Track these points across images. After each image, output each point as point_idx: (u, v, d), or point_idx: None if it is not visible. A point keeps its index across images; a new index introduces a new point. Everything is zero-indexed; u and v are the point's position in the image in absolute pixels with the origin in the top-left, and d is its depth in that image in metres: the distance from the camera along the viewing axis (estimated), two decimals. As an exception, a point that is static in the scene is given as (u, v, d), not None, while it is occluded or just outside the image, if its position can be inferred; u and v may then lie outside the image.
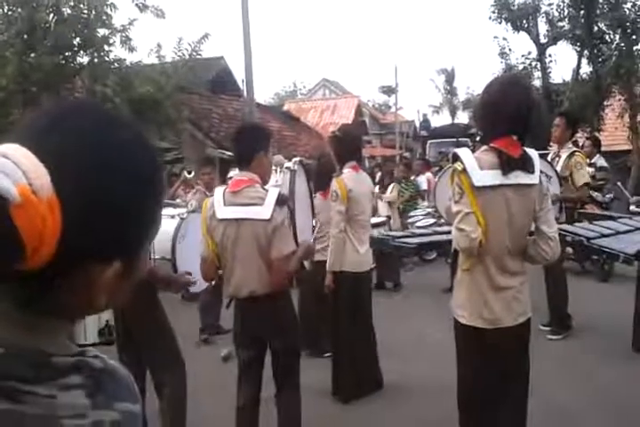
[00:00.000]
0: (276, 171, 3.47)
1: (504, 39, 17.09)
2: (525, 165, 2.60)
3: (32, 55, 9.08)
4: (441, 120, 45.94)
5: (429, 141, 21.66)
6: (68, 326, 0.76)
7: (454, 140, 17.30)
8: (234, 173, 3.29)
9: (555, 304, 5.60)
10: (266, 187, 3.10)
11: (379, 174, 11.22)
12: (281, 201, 2.95)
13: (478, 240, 2.52)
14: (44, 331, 0.72)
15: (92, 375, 0.74)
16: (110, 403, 0.74)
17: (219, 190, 3.11)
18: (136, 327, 3.42)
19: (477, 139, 10.23)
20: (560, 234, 3.15)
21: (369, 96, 54.41)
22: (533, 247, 2.67)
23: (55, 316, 0.73)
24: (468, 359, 2.75)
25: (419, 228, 8.92)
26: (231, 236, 2.97)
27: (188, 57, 10.80)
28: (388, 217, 8.89)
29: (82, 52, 9.73)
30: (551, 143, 6.13)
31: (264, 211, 2.91)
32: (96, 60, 9.66)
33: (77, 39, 9.49)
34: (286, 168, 3.48)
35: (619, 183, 8.27)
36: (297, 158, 3.69)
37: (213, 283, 3.76)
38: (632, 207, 8.02)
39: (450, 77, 48.21)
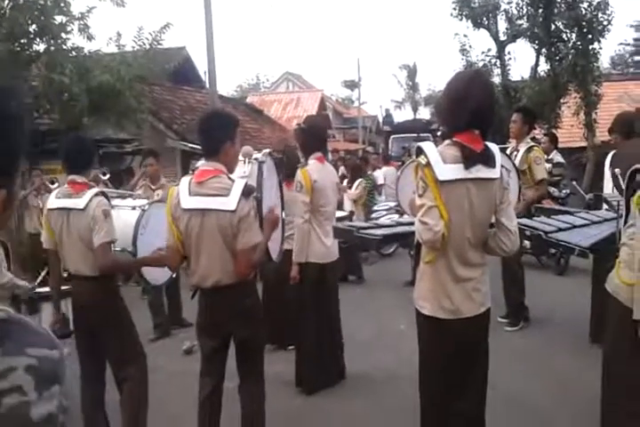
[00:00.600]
0: (244, 162, 3.43)
1: (465, 36, 17.30)
2: (487, 160, 2.63)
3: (-14, 42, 8.78)
4: (403, 115, 46.33)
5: (392, 136, 21.81)
6: None
7: (416, 135, 17.47)
8: (201, 163, 3.24)
9: (511, 296, 5.73)
10: (232, 177, 3.06)
11: (341, 168, 11.24)
12: (247, 192, 2.92)
13: (441, 233, 2.55)
14: None
15: None
16: (22, 349, 0.74)
17: (184, 180, 3.07)
18: (97, 321, 3.37)
19: (439, 134, 10.35)
20: (519, 228, 3.21)
21: (332, 90, 54.61)
22: (493, 240, 2.72)
23: None
24: (430, 349, 2.79)
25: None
26: (195, 226, 2.95)
27: (148, 46, 10.60)
28: (352, 212, 8.91)
29: (38, 39, 9.44)
30: (510, 139, 6.23)
31: (229, 202, 2.89)
32: (53, 47, 9.39)
33: (33, 26, 9.21)
34: (254, 159, 3.44)
35: (574, 182, 8.48)
36: (267, 150, 3.66)
37: (174, 275, 3.73)
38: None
39: (412, 73, 48.63)
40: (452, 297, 2.68)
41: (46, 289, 4.97)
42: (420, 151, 2.67)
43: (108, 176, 6.86)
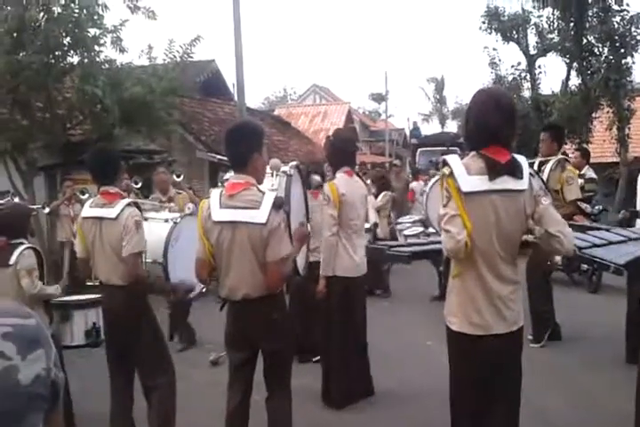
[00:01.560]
0: (272, 174, 3.42)
1: (494, 49, 17.30)
2: (513, 171, 2.59)
3: (21, 54, 8.99)
4: (430, 128, 46.14)
5: (419, 149, 21.73)
6: None
7: (444, 148, 17.38)
8: (229, 175, 3.24)
9: (535, 311, 5.57)
10: (263, 189, 3.06)
11: (368, 181, 11.20)
12: (277, 204, 2.92)
13: (464, 242, 2.51)
14: None
15: None
16: None
17: (215, 192, 3.08)
18: (128, 330, 3.39)
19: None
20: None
21: (359, 103, 54.61)
22: (547, 246, 2.65)
23: None
24: (460, 366, 2.73)
25: (407, 236, 8.91)
26: (226, 239, 2.95)
27: (179, 59, 10.75)
28: (376, 224, 8.84)
29: (72, 51, 9.64)
30: (538, 155, 6.15)
31: (260, 215, 2.89)
32: (86, 60, 9.58)
33: (68, 38, 9.41)
34: (282, 172, 3.44)
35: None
36: (294, 162, 3.66)
37: (204, 289, 3.73)
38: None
39: (439, 86, 48.57)
40: (482, 312, 2.63)
41: (77, 297, 5.05)
42: (444, 163, 2.65)
43: (139, 185, 6.94)
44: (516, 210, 2.59)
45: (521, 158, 2.66)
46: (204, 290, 3.79)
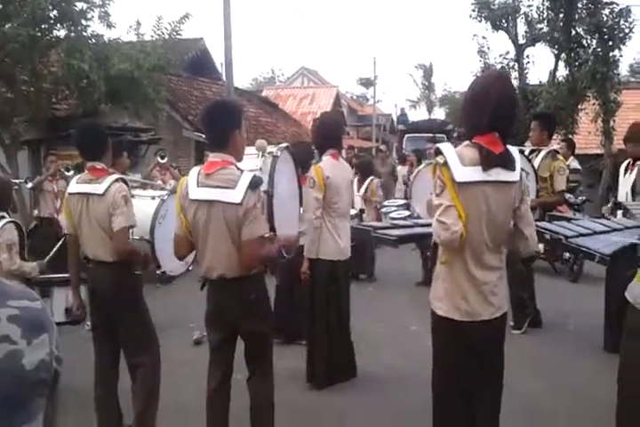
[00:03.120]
0: (257, 155, 3.40)
1: (483, 38, 17.25)
2: (506, 162, 2.61)
3: (7, 26, 8.81)
4: (418, 115, 46.07)
5: (407, 135, 21.73)
6: None
7: (431, 135, 17.39)
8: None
9: (515, 297, 5.64)
10: (242, 168, 3.04)
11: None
12: (254, 184, 2.89)
13: (459, 233, 2.53)
14: None
15: None
16: (2, 302, 0.76)
17: (194, 171, 3.06)
18: (114, 306, 3.38)
19: (455, 135, 10.28)
20: (538, 231, 3.19)
21: (347, 87, 54.25)
22: (511, 242, 2.72)
23: None
24: (445, 351, 2.77)
25: (392, 219, 8.92)
26: (202, 217, 2.94)
27: (167, 36, 10.61)
28: (362, 210, 8.81)
29: (58, 25, 9.48)
30: (526, 144, 6.19)
31: (235, 194, 2.87)
32: (73, 34, 9.42)
33: (54, 12, 9.24)
34: (269, 153, 3.41)
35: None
36: (284, 144, 3.64)
37: (190, 267, 3.73)
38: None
39: (428, 73, 48.45)
40: (469, 299, 2.67)
41: (59, 275, 4.99)
42: (438, 152, 2.65)
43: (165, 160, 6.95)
44: (506, 201, 2.62)
45: (513, 149, 2.68)
46: (190, 268, 3.79)
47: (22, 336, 0.75)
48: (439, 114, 44.52)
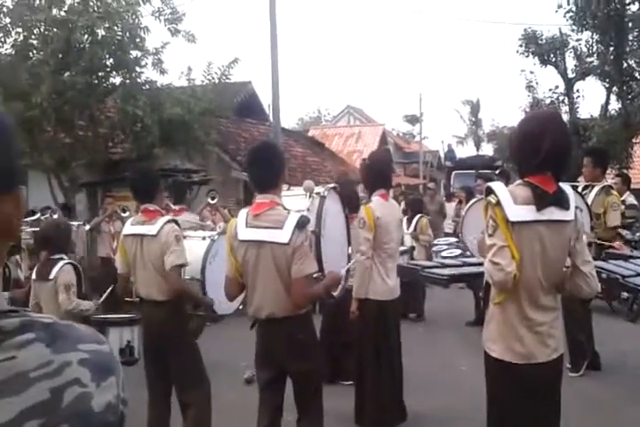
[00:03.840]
0: (305, 196, 3.44)
1: (531, 72, 17.19)
2: (560, 201, 2.57)
3: (66, 74, 9.30)
4: (465, 151, 45.88)
5: (454, 172, 21.61)
6: None
7: (475, 171, 17.25)
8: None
9: (573, 340, 5.43)
10: (290, 208, 3.09)
11: (403, 203, 11.15)
12: (301, 224, 2.93)
13: (513, 274, 2.48)
14: None
15: (44, 329, 0.75)
16: (73, 346, 0.77)
17: (242, 212, 3.14)
18: (166, 345, 3.43)
19: (497, 172, 10.15)
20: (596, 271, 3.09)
21: (393, 125, 54.60)
22: (571, 283, 2.63)
23: None
24: (500, 394, 2.68)
25: (443, 258, 8.79)
26: (252, 257, 2.98)
27: (217, 81, 10.97)
28: (412, 247, 8.74)
29: (114, 72, 9.98)
30: (579, 179, 6.07)
31: (283, 234, 2.91)
32: (128, 81, 9.87)
33: (110, 60, 9.73)
34: (316, 193, 3.45)
35: None
36: (330, 185, 3.67)
37: (241, 306, 3.76)
38: None
39: (475, 109, 48.40)
40: (524, 341, 2.59)
41: (114, 315, 5.11)
42: (489, 191, 2.62)
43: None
44: (561, 241, 2.57)
45: (567, 188, 2.64)
46: (240, 307, 3.81)
47: (92, 379, 0.76)
48: (487, 150, 44.20)
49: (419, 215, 8.89)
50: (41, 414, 0.70)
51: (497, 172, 10.23)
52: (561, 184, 2.62)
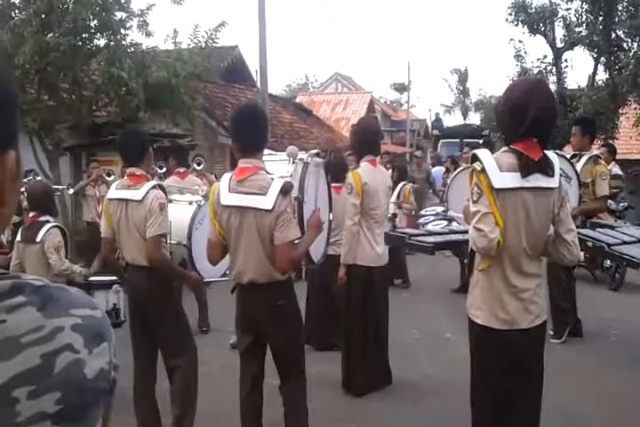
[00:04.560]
0: (288, 162, 3.41)
1: (520, 42, 17.05)
2: (545, 168, 2.58)
3: (49, 35, 9.05)
4: (452, 120, 45.85)
5: (441, 140, 21.60)
6: None
7: (459, 140, 17.25)
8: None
9: (555, 306, 5.53)
10: (272, 173, 3.06)
11: (389, 171, 11.13)
12: (284, 190, 2.92)
13: (496, 241, 2.50)
14: None
15: (36, 292, 0.74)
16: (65, 310, 0.75)
17: (225, 177, 3.11)
18: (152, 310, 3.43)
19: (481, 141, 10.15)
20: (580, 239, 3.13)
21: (381, 93, 54.29)
22: (553, 250, 2.66)
23: None
24: (483, 359, 2.73)
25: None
26: (235, 223, 2.98)
27: (203, 44, 10.75)
28: (394, 214, 8.75)
29: (99, 34, 9.70)
30: (565, 149, 6.09)
31: (267, 200, 2.90)
32: (112, 42, 9.63)
33: (95, 21, 9.46)
34: (299, 159, 3.42)
35: None
36: (313, 151, 3.64)
37: (227, 272, 3.77)
38: None
39: (463, 78, 48.17)
40: (507, 307, 2.64)
41: (99, 278, 5.11)
42: (475, 158, 2.63)
43: (164, 170, 6.95)
44: (545, 208, 2.59)
45: (552, 155, 2.65)
46: (227, 272, 3.82)
47: (84, 345, 0.75)
48: (474, 119, 44.19)
49: (403, 183, 8.87)
50: (32, 381, 0.69)
51: (480, 141, 10.24)
52: (546, 151, 2.63)
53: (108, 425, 0.81)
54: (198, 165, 8.76)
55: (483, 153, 2.62)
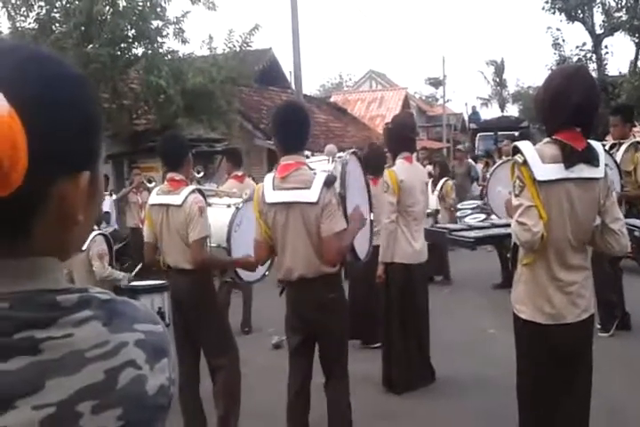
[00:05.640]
0: (328, 160, 3.44)
1: (557, 30, 16.76)
2: (590, 158, 2.52)
3: (89, 47, 9.30)
4: (490, 113, 45.10)
5: (479, 134, 21.26)
6: (58, 264, 0.75)
7: (506, 133, 16.96)
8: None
9: (602, 299, 5.39)
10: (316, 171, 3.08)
11: (428, 167, 11.06)
12: (328, 182, 2.94)
13: (540, 234, 2.46)
14: (37, 272, 0.71)
15: (102, 307, 0.73)
16: (130, 325, 0.75)
17: (268, 176, 3.14)
18: (193, 312, 3.50)
19: (517, 134, 9.95)
20: (627, 229, 3.05)
21: (416, 88, 53.87)
22: (601, 241, 2.61)
23: (42, 252, 0.71)
24: (529, 355, 2.69)
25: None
26: (281, 220, 3.00)
27: (238, 49, 10.88)
28: (437, 210, 8.72)
29: (136, 43, 9.93)
30: (607, 138, 5.93)
31: (312, 194, 2.92)
32: (150, 51, 9.84)
33: (132, 31, 9.69)
34: (338, 158, 3.44)
35: None
36: (351, 150, 3.66)
37: (267, 273, 3.81)
38: None
39: (499, 69, 47.31)
40: (553, 301, 2.59)
41: (143, 282, 5.24)
42: (516, 150, 2.59)
43: (202, 174, 7.07)
44: (590, 199, 2.53)
45: (597, 145, 2.59)
46: (266, 273, 3.87)
47: (146, 361, 0.74)
48: (512, 111, 43.39)
49: (444, 179, 8.83)
50: (95, 396, 0.69)
51: (516, 134, 10.05)
52: (590, 141, 2.58)
53: None
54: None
55: (524, 145, 2.58)
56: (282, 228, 3.01)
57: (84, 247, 4.36)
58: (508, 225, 2.81)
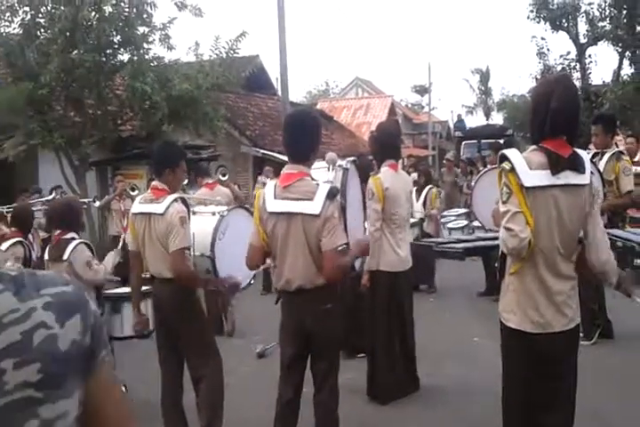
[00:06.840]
0: (328, 168, 3.42)
1: (542, 39, 16.94)
2: (575, 165, 2.54)
3: (74, 53, 9.25)
4: (475, 121, 45.37)
5: (464, 142, 21.38)
6: None
7: (489, 141, 17.08)
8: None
9: (585, 306, 5.41)
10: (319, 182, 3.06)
11: (414, 175, 11.09)
12: (331, 195, 2.92)
13: (527, 240, 2.46)
14: None
15: (11, 280, 0.86)
16: (36, 292, 0.86)
17: (270, 184, 3.12)
18: (176, 321, 3.47)
19: (502, 141, 10.02)
20: (610, 239, 3.06)
21: (402, 96, 53.96)
22: (587, 251, 2.62)
23: None
24: (516, 363, 2.69)
25: (450, 229, 8.79)
26: (281, 230, 2.98)
27: (224, 55, 10.87)
28: (422, 219, 8.71)
29: (122, 49, 9.89)
30: (590, 147, 5.99)
31: (314, 206, 2.90)
32: (135, 57, 9.80)
33: (118, 37, 9.65)
34: (339, 166, 3.43)
35: None
36: (351, 158, 3.65)
37: (252, 281, 3.79)
38: None
39: (484, 77, 47.68)
40: (541, 310, 2.59)
41: (128, 290, 5.18)
42: (503, 158, 2.61)
43: (185, 182, 7.03)
44: (577, 205, 2.55)
45: (582, 152, 2.62)
46: (251, 282, 3.84)
47: (56, 320, 0.85)
48: (497, 119, 43.69)
49: (429, 187, 8.82)
50: (15, 354, 0.81)
51: (501, 141, 10.13)
52: (575, 149, 2.60)
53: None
54: (223, 175, 8.85)
55: (511, 153, 2.60)
56: (282, 238, 2.99)
57: (65, 257, 4.23)
58: (495, 238, 2.81)
